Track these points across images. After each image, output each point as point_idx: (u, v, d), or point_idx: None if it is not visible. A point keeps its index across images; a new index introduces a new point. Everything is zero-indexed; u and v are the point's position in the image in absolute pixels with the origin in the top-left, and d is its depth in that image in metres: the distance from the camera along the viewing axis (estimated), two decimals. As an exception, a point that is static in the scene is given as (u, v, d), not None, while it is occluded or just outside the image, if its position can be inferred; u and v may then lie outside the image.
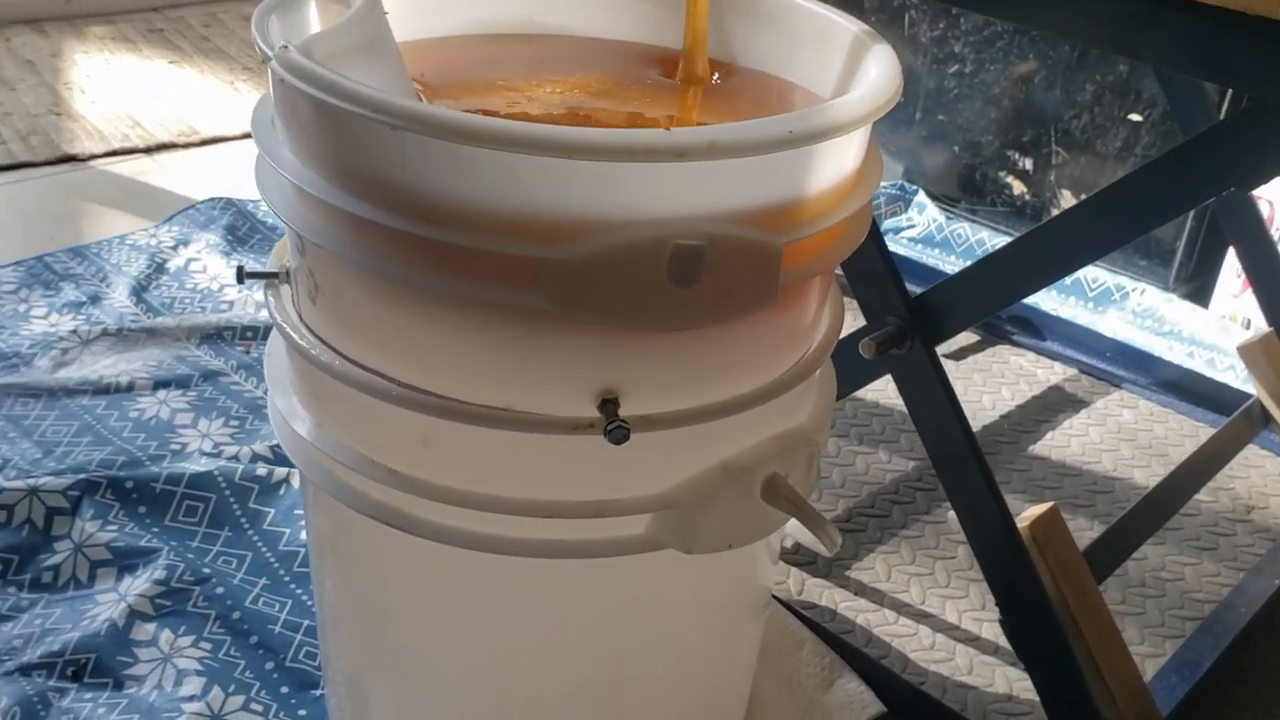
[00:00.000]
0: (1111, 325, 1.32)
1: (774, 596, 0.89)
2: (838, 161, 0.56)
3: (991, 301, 0.75)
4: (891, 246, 1.43)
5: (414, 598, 0.64)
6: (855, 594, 0.91)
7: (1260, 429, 1.06)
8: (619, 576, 0.62)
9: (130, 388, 1.06)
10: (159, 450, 0.98)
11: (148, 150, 1.52)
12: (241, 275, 0.64)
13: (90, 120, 1.58)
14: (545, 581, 0.61)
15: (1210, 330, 1.28)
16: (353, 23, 0.57)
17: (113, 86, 1.70)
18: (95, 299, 1.20)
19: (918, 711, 0.82)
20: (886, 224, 1.49)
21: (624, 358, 0.54)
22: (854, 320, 0.80)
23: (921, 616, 0.89)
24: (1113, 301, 1.34)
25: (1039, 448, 1.10)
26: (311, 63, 0.51)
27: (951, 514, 0.99)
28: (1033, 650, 0.76)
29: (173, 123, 1.59)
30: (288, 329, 0.60)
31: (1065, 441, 1.11)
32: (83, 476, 0.90)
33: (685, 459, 0.59)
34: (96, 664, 0.77)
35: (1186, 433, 1.14)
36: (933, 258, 1.44)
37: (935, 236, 1.46)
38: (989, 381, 1.20)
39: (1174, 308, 1.31)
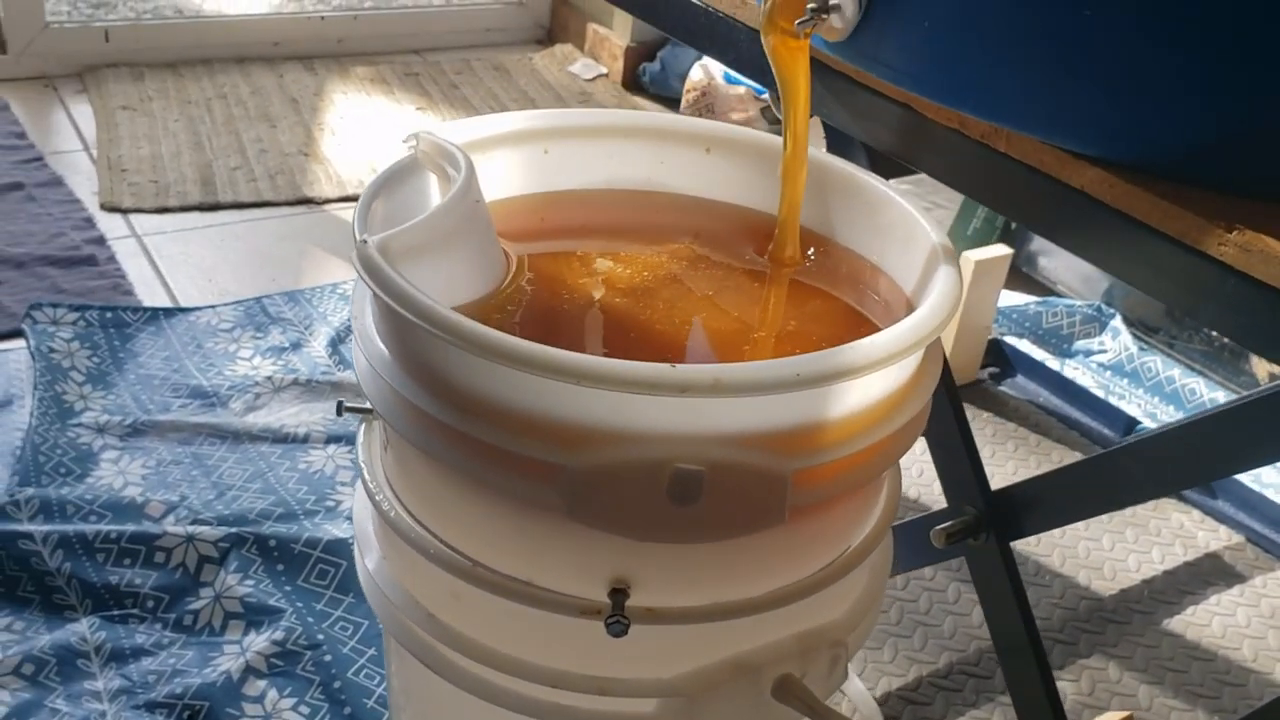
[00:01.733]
0: (1298, 490, 1.23)
1: (844, 747, 0.89)
2: (865, 391, 0.57)
3: (1079, 510, 0.74)
4: (1076, 372, 1.39)
5: (447, 724, 0.70)
6: (931, 757, 0.90)
7: None
8: (629, 744, 0.65)
9: (305, 439, 1.16)
10: (315, 505, 1.08)
11: (376, 198, 1.65)
12: (340, 409, 0.71)
13: (333, 164, 1.73)
14: (558, 740, 0.65)
15: None
16: (437, 217, 0.62)
17: (360, 130, 1.85)
18: (296, 345, 1.32)
19: None
20: (1077, 345, 1.44)
21: (632, 555, 0.58)
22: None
23: (995, 794, 0.87)
24: (1304, 465, 1.25)
25: (1175, 622, 1.05)
26: (381, 259, 0.57)
27: (1057, 687, 0.97)
28: None
29: (404, 172, 1.72)
30: (364, 468, 0.67)
31: (1207, 619, 1.06)
32: (234, 530, 1.00)
33: (694, 650, 0.61)
34: (208, 712, 0.87)
35: (1351, 629, 1.06)
36: (1120, 389, 1.38)
37: (1125, 366, 1.40)
38: (1141, 539, 1.14)
39: (1371, 482, 1.21)
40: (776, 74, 0.67)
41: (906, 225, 0.68)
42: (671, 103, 2.05)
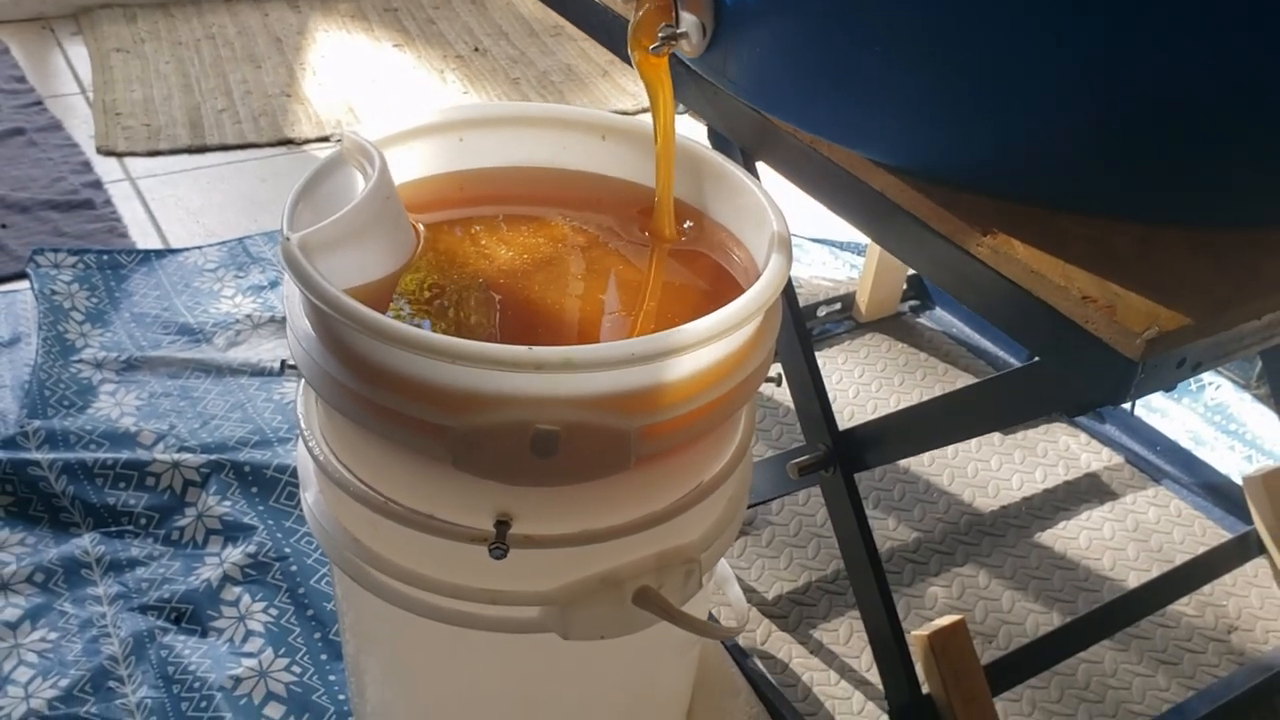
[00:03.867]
0: (1182, 415, 1.36)
1: (736, 644, 1.04)
2: (697, 360, 0.70)
3: (909, 446, 0.87)
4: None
5: (372, 630, 0.84)
6: (811, 651, 1.04)
7: (1254, 557, 1.11)
8: (525, 641, 0.79)
9: (280, 372, 1.30)
10: (287, 433, 1.22)
11: (353, 138, 1.76)
12: (284, 368, 0.84)
13: (313, 104, 1.84)
14: (464, 643, 0.79)
15: (1275, 436, 1.31)
16: (352, 213, 0.74)
17: (340, 69, 1.95)
18: (274, 284, 1.45)
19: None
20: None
21: (510, 494, 0.71)
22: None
23: (861, 683, 1.02)
24: (1189, 391, 1.37)
25: (1046, 536, 1.19)
26: (300, 254, 0.69)
27: (930, 592, 1.11)
28: (909, 744, 0.89)
29: (380, 112, 1.83)
30: (300, 417, 0.80)
31: (1075, 533, 1.19)
32: (214, 457, 1.14)
33: (567, 567, 0.75)
34: (193, 614, 1.02)
35: (1205, 541, 1.19)
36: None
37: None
38: (1027, 460, 1.28)
39: (1245, 407, 1.34)
40: (643, 82, 0.79)
41: (758, 211, 0.80)
42: (640, 36, 2.13)
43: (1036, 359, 0.69)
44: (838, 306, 1.45)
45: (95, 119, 1.74)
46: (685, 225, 0.86)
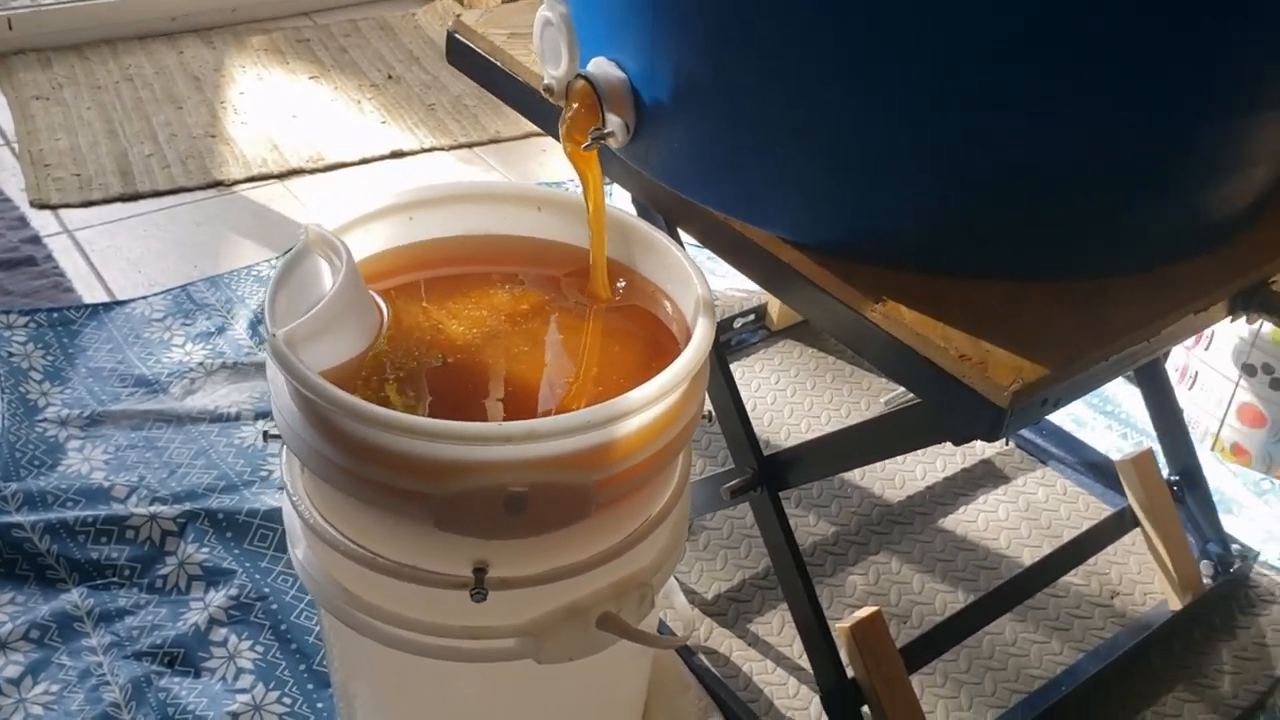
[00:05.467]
0: (1064, 399, 1.50)
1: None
2: (641, 419, 0.81)
3: (824, 469, 0.99)
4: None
5: (360, 665, 0.94)
6: (749, 644, 1.17)
7: (1131, 529, 1.26)
8: (503, 666, 0.90)
9: (237, 417, 1.38)
10: (251, 476, 1.31)
11: (280, 176, 1.84)
12: (266, 437, 0.93)
13: (238, 144, 1.90)
14: (448, 671, 0.90)
15: (1146, 416, 1.46)
16: (327, 308, 0.83)
17: (260, 106, 2.01)
18: (221, 330, 1.52)
19: (772, 747, 1.09)
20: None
21: (487, 546, 0.82)
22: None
23: (795, 670, 1.15)
24: (1069, 377, 1.52)
25: (948, 521, 1.33)
26: (286, 349, 0.79)
27: (849, 580, 1.24)
28: (839, 721, 1.02)
29: (304, 147, 1.90)
30: (288, 483, 0.90)
31: (974, 517, 1.33)
32: (188, 507, 1.23)
33: (538, 602, 0.85)
34: (184, 657, 1.11)
35: (1089, 515, 1.34)
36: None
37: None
38: (929, 451, 1.41)
39: (1119, 389, 1.49)
40: (574, 169, 0.89)
41: (683, 273, 0.91)
42: (547, 54, 2.22)
43: (926, 398, 0.81)
44: (751, 317, 1.57)
45: (24, 171, 1.79)
46: (620, 284, 0.97)
